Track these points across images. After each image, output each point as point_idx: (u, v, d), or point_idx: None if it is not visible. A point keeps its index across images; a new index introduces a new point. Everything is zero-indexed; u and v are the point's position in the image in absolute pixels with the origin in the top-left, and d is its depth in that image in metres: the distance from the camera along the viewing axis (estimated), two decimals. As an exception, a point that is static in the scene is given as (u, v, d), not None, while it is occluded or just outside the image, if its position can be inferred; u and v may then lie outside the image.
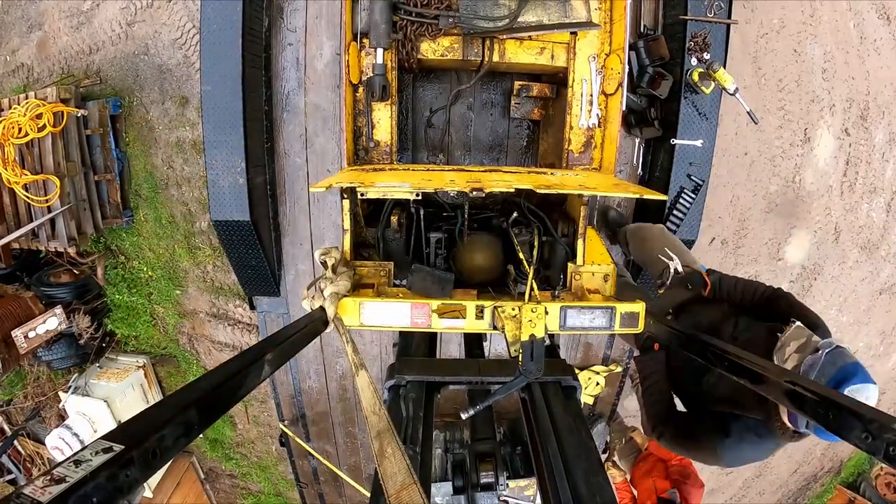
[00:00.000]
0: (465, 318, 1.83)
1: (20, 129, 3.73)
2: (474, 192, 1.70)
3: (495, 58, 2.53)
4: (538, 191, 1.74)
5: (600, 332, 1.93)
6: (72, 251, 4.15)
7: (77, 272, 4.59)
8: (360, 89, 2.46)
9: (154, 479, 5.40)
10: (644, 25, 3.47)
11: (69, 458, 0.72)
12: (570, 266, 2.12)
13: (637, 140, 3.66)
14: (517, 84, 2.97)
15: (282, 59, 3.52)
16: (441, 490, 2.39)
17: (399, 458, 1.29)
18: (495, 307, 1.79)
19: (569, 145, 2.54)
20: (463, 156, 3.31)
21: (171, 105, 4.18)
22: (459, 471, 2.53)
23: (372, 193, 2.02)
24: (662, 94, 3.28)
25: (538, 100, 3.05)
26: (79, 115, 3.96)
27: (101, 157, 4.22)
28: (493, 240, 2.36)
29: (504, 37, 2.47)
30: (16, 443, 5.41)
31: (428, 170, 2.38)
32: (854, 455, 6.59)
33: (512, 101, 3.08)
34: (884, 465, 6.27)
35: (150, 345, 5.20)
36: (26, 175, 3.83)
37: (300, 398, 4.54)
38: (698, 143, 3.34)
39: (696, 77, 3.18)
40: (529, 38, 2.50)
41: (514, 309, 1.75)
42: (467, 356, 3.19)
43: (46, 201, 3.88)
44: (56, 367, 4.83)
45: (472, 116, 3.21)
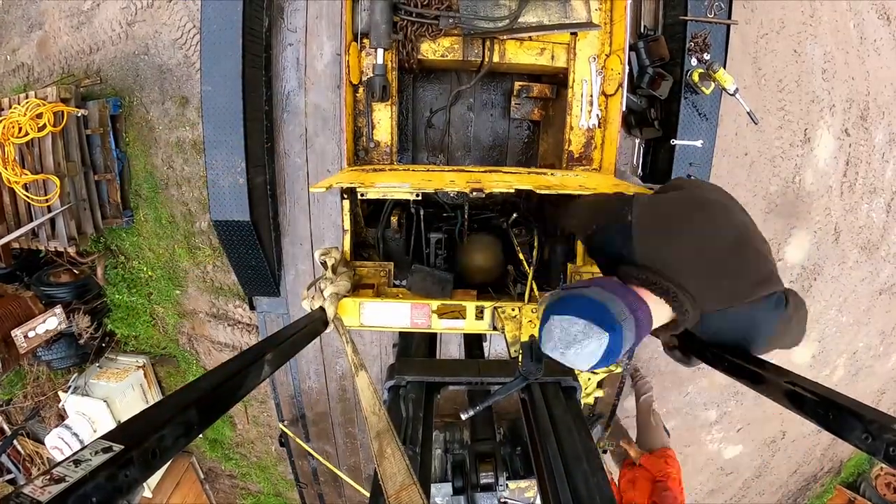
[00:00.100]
0: (464, 318, 1.83)
1: (20, 129, 3.73)
2: (474, 193, 1.70)
3: (495, 58, 2.53)
4: (538, 191, 1.74)
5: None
6: (72, 251, 4.15)
7: (77, 272, 4.59)
8: (361, 89, 2.46)
9: (154, 479, 5.41)
10: (644, 26, 3.47)
11: (69, 457, 0.72)
12: (570, 266, 2.12)
13: (637, 140, 3.66)
14: (517, 84, 2.97)
15: (282, 59, 3.52)
16: (441, 490, 2.39)
17: (399, 459, 1.29)
18: (495, 308, 1.79)
19: (569, 146, 2.54)
20: (463, 156, 3.31)
21: (171, 105, 4.18)
22: (459, 471, 2.53)
23: (372, 194, 2.02)
24: (662, 94, 3.28)
25: (538, 100, 3.05)
26: (79, 114, 3.96)
27: (101, 156, 4.22)
28: (493, 240, 2.36)
29: (504, 37, 2.47)
30: (15, 442, 5.41)
31: (428, 170, 2.38)
32: (854, 455, 6.58)
33: (512, 102, 3.08)
34: (884, 466, 6.27)
35: (150, 345, 5.20)
36: (26, 175, 3.83)
37: (300, 398, 4.53)
38: (698, 143, 3.34)
39: (696, 77, 3.17)
40: (530, 38, 2.49)
41: (514, 309, 1.75)
42: (467, 356, 3.19)
43: (46, 201, 3.88)
44: (56, 367, 4.83)
45: (473, 117, 3.21)
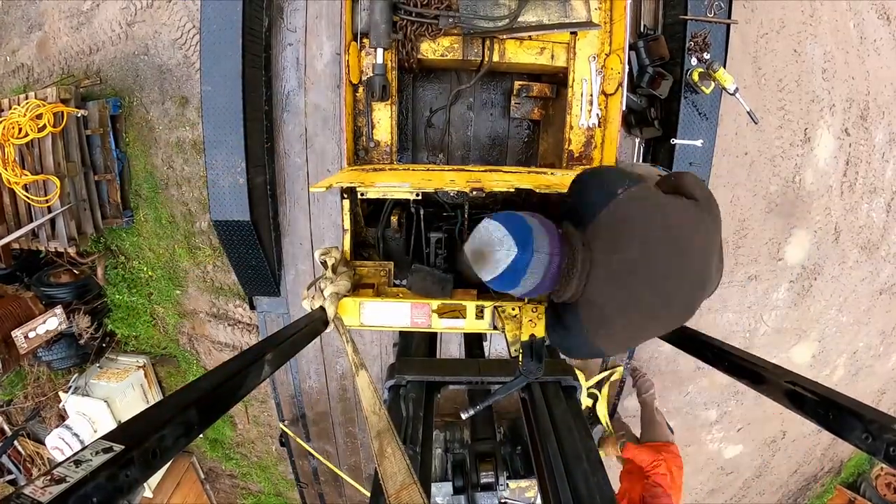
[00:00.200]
0: (465, 318, 1.83)
1: (20, 130, 3.73)
2: (474, 192, 1.70)
3: (495, 58, 2.53)
4: (538, 190, 1.74)
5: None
6: (72, 251, 4.15)
7: (77, 272, 4.59)
8: (360, 89, 2.46)
9: (154, 479, 5.40)
10: (644, 25, 3.47)
11: (69, 458, 0.72)
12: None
13: (637, 140, 3.66)
14: (517, 84, 2.97)
15: (282, 59, 3.52)
16: (441, 490, 2.40)
17: (399, 458, 1.29)
18: (495, 307, 1.79)
19: (569, 145, 2.54)
20: (463, 156, 3.31)
21: (171, 105, 4.18)
22: (459, 471, 2.54)
23: (372, 193, 2.02)
24: (662, 94, 3.28)
25: (538, 100, 3.05)
26: (79, 115, 3.96)
27: (101, 157, 4.22)
28: (493, 240, 2.36)
29: (504, 37, 2.47)
30: (16, 443, 5.41)
31: (428, 170, 2.38)
32: (854, 455, 6.58)
33: (512, 101, 3.07)
34: (884, 466, 6.27)
35: (150, 345, 5.19)
36: (26, 175, 3.83)
37: (300, 398, 4.53)
38: (698, 143, 3.34)
39: (696, 77, 3.17)
40: (529, 38, 2.49)
41: (514, 309, 1.75)
42: (467, 356, 3.19)
43: (46, 201, 3.88)
44: (56, 368, 4.83)
45: (472, 116, 3.21)
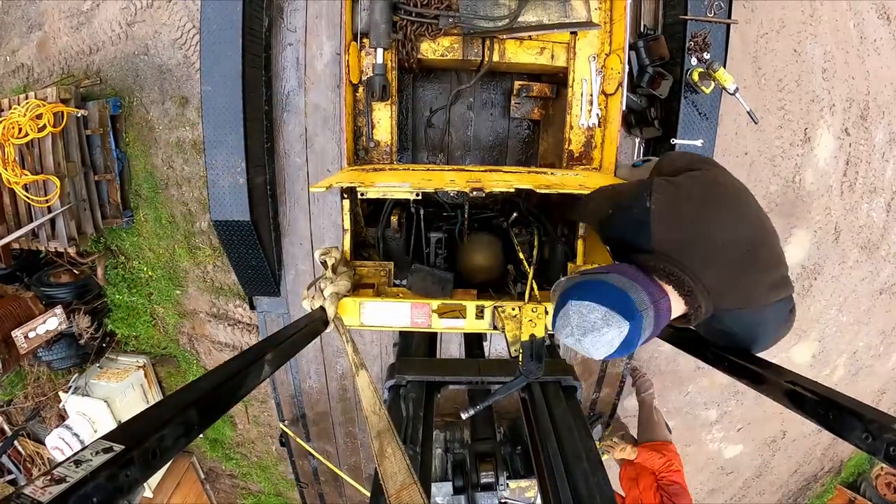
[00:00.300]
0: (465, 318, 1.83)
1: (20, 130, 3.73)
2: (474, 192, 1.70)
3: (495, 58, 2.53)
4: (538, 190, 1.74)
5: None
6: (72, 251, 4.15)
7: (77, 272, 4.59)
8: (360, 89, 2.46)
9: (154, 479, 5.41)
10: (644, 25, 3.47)
11: (69, 458, 0.72)
12: (571, 266, 2.11)
13: (637, 140, 3.66)
14: (517, 84, 2.96)
15: (282, 59, 3.52)
16: (441, 490, 2.40)
17: (399, 458, 1.29)
18: (495, 307, 1.79)
19: (569, 145, 2.54)
20: (463, 156, 3.31)
21: (171, 105, 4.18)
22: (460, 471, 2.54)
23: (372, 193, 2.02)
24: (662, 93, 3.28)
25: (538, 100, 3.05)
26: (79, 115, 3.96)
27: (101, 157, 4.22)
28: (493, 240, 2.36)
29: (504, 37, 2.47)
30: (16, 443, 5.41)
31: (428, 170, 2.38)
32: (854, 455, 6.58)
33: (512, 101, 3.07)
34: (884, 465, 6.27)
35: (150, 345, 5.20)
36: (26, 175, 3.83)
37: (300, 398, 4.53)
38: (698, 142, 3.34)
39: (696, 77, 3.17)
40: (529, 38, 2.49)
41: (514, 309, 1.75)
42: (467, 356, 3.19)
43: (46, 201, 3.88)
44: (56, 368, 4.83)
45: (472, 116, 3.21)
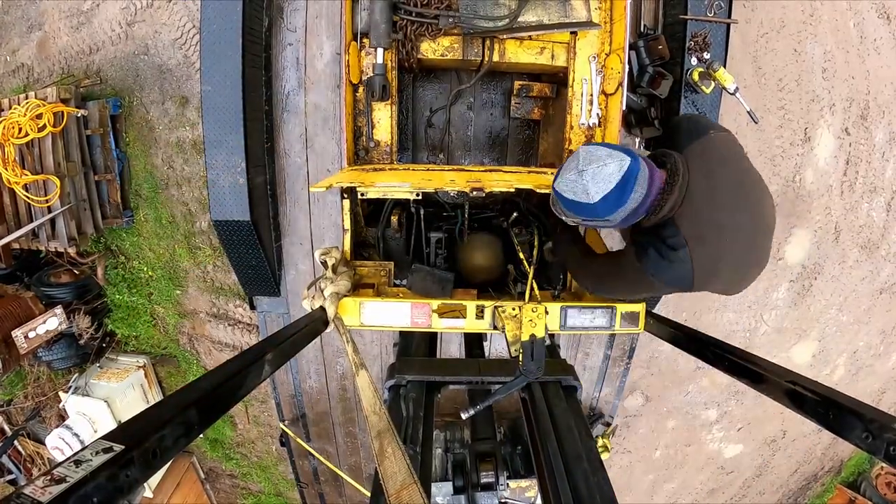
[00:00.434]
0: (465, 317, 1.83)
1: (20, 129, 3.73)
2: (474, 192, 1.70)
3: (495, 57, 2.53)
4: (538, 190, 1.74)
5: (600, 331, 1.93)
6: (72, 251, 4.15)
7: (77, 272, 4.59)
8: (360, 89, 2.45)
9: (154, 479, 5.41)
10: (644, 25, 3.46)
11: (69, 458, 0.72)
12: (571, 266, 2.11)
13: (637, 140, 3.66)
14: (517, 84, 2.96)
15: (282, 59, 3.51)
16: (441, 490, 2.39)
17: (399, 458, 1.29)
18: (496, 307, 1.79)
19: (569, 145, 2.54)
20: (463, 155, 3.31)
21: (171, 105, 4.18)
22: (460, 471, 2.53)
23: (372, 193, 2.02)
24: (662, 93, 3.27)
25: (538, 99, 3.05)
26: (79, 115, 3.96)
27: (101, 157, 4.22)
28: (493, 240, 2.36)
29: (504, 37, 2.46)
30: (16, 443, 5.41)
31: (428, 170, 2.38)
32: (854, 454, 6.58)
33: (512, 101, 3.07)
34: (884, 465, 6.27)
35: (151, 345, 5.20)
36: (26, 175, 3.83)
37: (300, 398, 4.53)
38: (698, 142, 3.33)
39: (696, 77, 3.17)
40: (529, 37, 2.49)
41: (514, 309, 1.75)
42: (467, 356, 3.19)
43: (46, 201, 3.88)
44: (56, 368, 4.83)
45: (473, 116, 3.21)
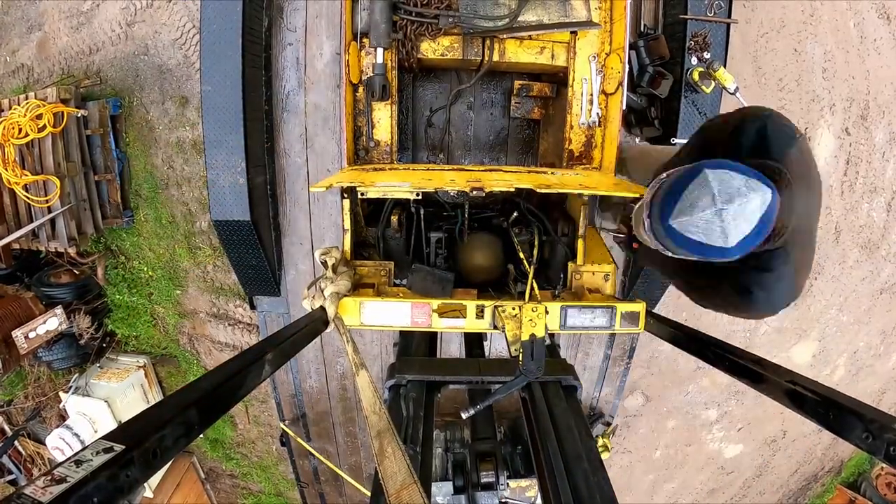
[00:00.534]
0: (465, 317, 1.83)
1: (20, 130, 3.73)
2: (474, 192, 1.70)
3: (495, 57, 2.53)
4: (538, 190, 1.74)
5: (601, 331, 1.93)
6: (72, 251, 4.15)
7: (77, 272, 4.59)
8: (360, 89, 2.46)
9: (154, 479, 5.41)
10: (644, 25, 3.46)
11: (70, 458, 0.72)
12: (571, 265, 2.12)
13: (637, 139, 3.66)
14: (517, 83, 2.97)
15: (282, 59, 3.51)
16: (441, 490, 2.39)
17: (399, 458, 1.29)
18: (496, 307, 1.79)
19: (569, 144, 2.54)
20: (463, 155, 3.31)
21: (171, 105, 4.18)
22: (460, 470, 2.53)
23: (372, 193, 2.02)
24: (663, 93, 3.27)
25: (538, 99, 3.05)
26: (79, 115, 3.96)
27: (101, 157, 4.22)
28: (493, 239, 2.36)
29: (504, 36, 2.46)
30: (16, 443, 5.41)
31: (428, 169, 2.38)
32: (854, 455, 6.58)
33: (512, 101, 3.07)
34: (884, 465, 6.27)
35: (151, 345, 5.20)
36: (26, 175, 3.83)
37: (301, 398, 4.53)
38: (698, 142, 3.33)
39: (696, 76, 3.17)
40: (529, 37, 2.49)
41: (514, 308, 1.75)
42: (467, 356, 3.19)
43: (46, 201, 3.88)
44: (56, 368, 4.83)
45: (473, 116, 3.21)
